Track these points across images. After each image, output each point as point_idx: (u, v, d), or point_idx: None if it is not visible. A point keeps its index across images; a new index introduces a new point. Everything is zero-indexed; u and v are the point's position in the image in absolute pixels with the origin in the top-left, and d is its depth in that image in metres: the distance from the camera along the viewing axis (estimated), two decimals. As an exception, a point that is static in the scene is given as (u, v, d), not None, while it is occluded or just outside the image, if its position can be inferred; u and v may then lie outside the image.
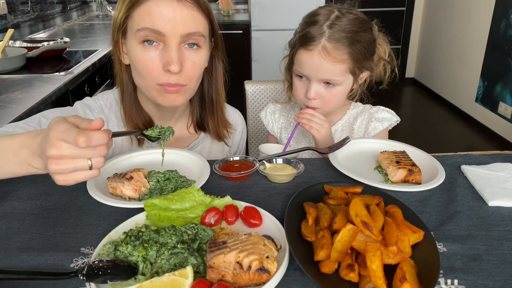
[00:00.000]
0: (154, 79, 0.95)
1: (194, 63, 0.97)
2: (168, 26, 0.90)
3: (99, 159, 0.65)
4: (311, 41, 1.09)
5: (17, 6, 2.85)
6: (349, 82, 1.15)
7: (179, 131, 1.18)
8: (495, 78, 3.67)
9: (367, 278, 0.59)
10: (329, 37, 1.07)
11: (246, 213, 0.75)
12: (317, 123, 1.13)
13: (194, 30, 0.93)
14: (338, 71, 1.10)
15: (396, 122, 1.26)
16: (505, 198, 0.84)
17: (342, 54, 1.08)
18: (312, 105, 1.16)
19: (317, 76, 1.11)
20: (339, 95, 1.16)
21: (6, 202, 0.84)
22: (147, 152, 1.03)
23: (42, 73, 1.94)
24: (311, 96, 1.14)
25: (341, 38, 1.07)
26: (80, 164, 0.63)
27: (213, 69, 1.11)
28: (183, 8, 0.91)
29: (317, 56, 1.08)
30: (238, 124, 1.30)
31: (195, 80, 1.00)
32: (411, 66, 5.40)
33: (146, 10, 0.91)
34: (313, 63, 1.10)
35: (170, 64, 0.92)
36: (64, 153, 0.62)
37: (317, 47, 1.08)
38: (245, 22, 3.83)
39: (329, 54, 1.07)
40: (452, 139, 3.87)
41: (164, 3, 0.90)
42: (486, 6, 3.76)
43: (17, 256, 0.69)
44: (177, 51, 0.93)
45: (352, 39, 1.08)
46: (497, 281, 0.64)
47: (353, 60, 1.10)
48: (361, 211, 0.67)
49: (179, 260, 0.63)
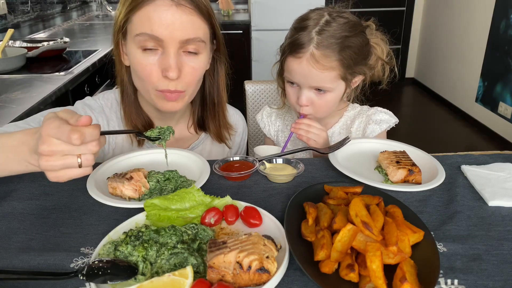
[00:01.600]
0: (153, 85, 0.95)
1: (193, 69, 0.96)
2: (167, 32, 0.89)
3: (89, 156, 0.65)
4: (299, 48, 1.06)
5: (17, 6, 2.85)
6: (341, 88, 1.13)
7: (180, 131, 1.18)
8: (495, 78, 3.67)
9: (367, 278, 0.59)
10: (318, 44, 1.05)
11: (246, 213, 0.75)
12: (315, 134, 1.12)
13: (193, 36, 0.92)
14: (327, 78, 1.08)
15: (394, 124, 1.24)
16: (505, 198, 0.84)
17: (331, 62, 1.06)
18: (303, 112, 1.14)
19: (307, 83, 1.10)
20: (331, 102, 1.14)
21: (6, 202, 0.84)
22: (147, 152, 1.03)
23: (42, 73, 1.94)
24: (302, 103, 1.12)
25: (330, 45, 1.05)
26: (69, 161, 0.64)
27: (215, 72, 1.11)
28: (182, 13, 0.90)
29: (306, 64, 1.06)
30: (239, 126, 1.30)
31: (194, 85, 1.00)
32: (411, 66, 5.40)
33: (144, 15, 0.90)
34: (302, 71, 1.08)
35: (168, 70, 0.91)
36: (55, 149, 0.62)
37: (306, 54, 1.06)
38: (245, 22, 3.84)
39: (317, 62, 1.05)
40: (452, 139, 3.87)
41: (163, 8, 0.89)
42: (486, 6, 3.76)
43: (17, 256, 0.69)
44: (175, 57, 0.92)
45: (342, 45, 1.05)
46: (497, 281, 0.64)
47: (343, 66, 1.07)
48: (361, 211, 0.67)
49: (179, 260, 0.63)
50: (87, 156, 0.64)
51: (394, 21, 5.02)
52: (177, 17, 0.90)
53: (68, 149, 0.63)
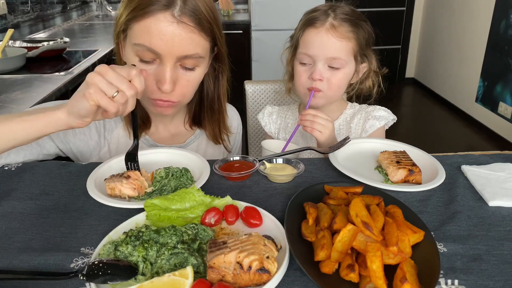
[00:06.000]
0: (147, 94, 0.96)
1: (188, 81, 0.96)
2: (165, 47, 0.89)
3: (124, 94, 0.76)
4: (317, 20, 1.14)
5: (17, 6, 2.85)
6: (352, 67, 1.18)
7: (176, 127, 1.18)
8: (495, 78, 3.67)
9: (367, 279, 0.59)
10: (335, 17, 1.13)
11: (246, 213, 0.75)
12: (320, 124, 1.10)
13: (192, 53, 0.92)
14: (344, 48, 1.14)
15: (392, 121, 1.29)
16: (505, 198, 0.84)
17: (348, 32, 1.13)
18: (316, 86, 1.16)
19: (323, 54, 1.14)
20: (343, 80, 1.19)
21: (6, 202, 0.84)
22: (147, 152, 1.03)
23: (42, 73, 1.94)
24: (316, 77, 1.15)
25: (345, 19, 1.13)
26: (107, 88, 0.74)
27: (216, 80, 1.10)
28: (183, 30, 0.89)
29: (325, 32, 1.13)
30: (234, 119, 1.29)
31: (188, 95, 1.01)
32: (411, 66, 5.39)
33: (145, 27, 0.89)
34: (320, 40, 1.13)
35: (163, 83, 0.91)
36: (107, 72, 0.74)
37: (325, 24, 1.13)
38: (245, 22, 3.83)
39: (336, 30, 1.12)
40: (452, 139, 3.87)
41: (164, 24, 0.88)
42: (486, 6, 3.76)
43: (17, 256, 0.69)
44: (171, 70, 0.92)
45: (355, 22, 1.14)
46: (497, 281, 0.63)
47: (357, 41, 1.15)
48: (362, 211, 0.67)
49: (179, 260, 0.63)
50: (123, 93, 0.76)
51: (394, 21, 5.03)
52: (177, 33, 0.89)
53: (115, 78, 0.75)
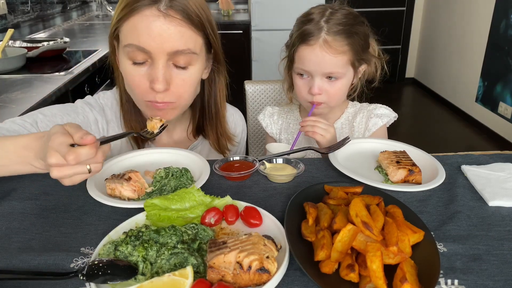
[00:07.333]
0: (141, 96, 0.95)
1: (183, 81, 0.94)
2: (154, 43, 0.87)
3: (97, 164, 0.70)
4: (310, 36, 1.11)
5: (17, 6, 2.85)
6: (350, 75, 1.18)
7: (178, 134, 1.17)
8: (495, 78, 3.67)
9: (367, 278, 0.59)
10: (328, 30, 1.10)
11: (246, 213, 0.75)
12: (322, 128, 1.13)
13: (182, 48, 0.89)
14: (340, 63, 1.12)
15: (394, 118, 1.30)
16: (505, 198, 0.84)
17: (342, 46, 1.10)
18: (317, 100, 1.17)
19: (320, 70, 1.13)
20: (342, 89, 1.19)
21: (6, 202, 0.84)
22: (147, 152, 1.03)
23: (42, 73, 1.94)
24: (315, 92, 1.15)
25: (339, 31, 1.10)
26: (79, 169, 0.68)
27: (212, 82, 1.09)
28: (170, 24, 0.87)
29: (319, 50, 1.10)
30: (238, 125, 1.29)
31: (186, 97, 0.98)
32: (411, 66, 5.39)
33: (132, 26, 0.88)
34: (315, 58, 1.11)
35: (155, 82, 0.90)
36: (61, 162, 0.66)
37: (318, 41, 1.10)
38: (245, 22, 3.83)
39: (330, 47, 1.10)
40: (452, 139, 3.86)
41: (150, 19, 0.86)
42: (486, 6, 3.76)
43: (17, 256, 0.69)
44: (163, 69, 0.90)
45: (350, 31, 1.11)
46: (497, 281, 0.63)
47: (353, 51, 1.12)
48: (361, 211, 0.67)
49: (179, 260, 0.63)
50: (95, 164, 0.69)
51: (394, 21, 5.02)
52: (165, 28, 0.87)
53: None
